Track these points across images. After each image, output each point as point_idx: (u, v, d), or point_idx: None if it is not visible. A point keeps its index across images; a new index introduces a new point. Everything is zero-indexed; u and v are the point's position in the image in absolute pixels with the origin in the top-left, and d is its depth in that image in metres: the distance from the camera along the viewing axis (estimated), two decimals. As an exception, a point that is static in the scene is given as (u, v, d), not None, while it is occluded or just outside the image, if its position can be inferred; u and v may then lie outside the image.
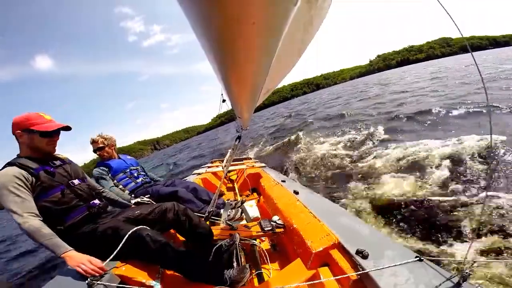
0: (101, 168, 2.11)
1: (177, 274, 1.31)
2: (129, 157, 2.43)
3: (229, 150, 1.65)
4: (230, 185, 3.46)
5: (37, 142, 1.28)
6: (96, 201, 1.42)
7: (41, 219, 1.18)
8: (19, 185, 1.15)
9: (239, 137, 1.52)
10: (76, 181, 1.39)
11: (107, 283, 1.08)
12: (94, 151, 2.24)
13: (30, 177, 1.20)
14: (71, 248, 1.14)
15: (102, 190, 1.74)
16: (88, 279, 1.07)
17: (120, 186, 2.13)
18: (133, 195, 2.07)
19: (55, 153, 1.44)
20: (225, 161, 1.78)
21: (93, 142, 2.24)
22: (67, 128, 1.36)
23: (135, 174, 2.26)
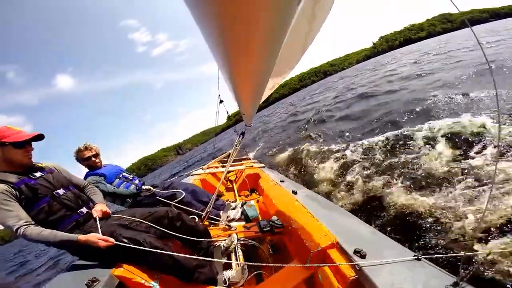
0: (92, 176, 1.98)
1: None
2: (114, 163, 2.32)
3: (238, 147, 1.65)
4: (229, 185, 3.46)
5: (11, 155, 1.24)
6: (84, 210, 1.40)
7: (37, 225, 1.19)
8: (6, 200, 1.15)
9: (242, 133, 1.52)
10: (60, 191, 1.36)
11: (106, 284, 1.09)
12: (86, 159, 2.02)
13: (14, 190, 1.20)
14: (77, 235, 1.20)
15: (89, 188, 1.63)
16: (87, 281, 1.07)
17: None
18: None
19: (37, 162, 1.41)
20: (229, 154, 1.80)
21: (86, 149, 2.02)
22: (40, 137, 1.32)
23: (130, 177, 2.22)
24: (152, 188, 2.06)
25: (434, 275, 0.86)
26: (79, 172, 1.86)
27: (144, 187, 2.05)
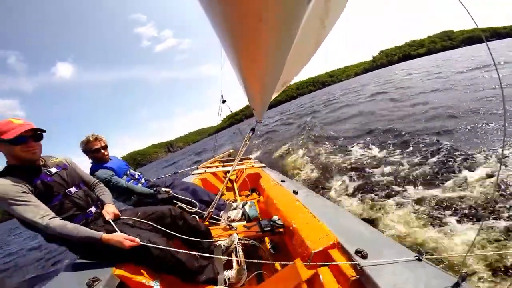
0: (103, 170, 1.89)
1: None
2: (118, 157, 2.22)
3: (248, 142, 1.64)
4: (230, 185, 3.46)
5: (13, 151, 1.16)
6: (93, 209, 1.38)
7: (60, 218, 1.18)
8: (24, 192, 1.12)
9: (253, 129, 1.51)
10: (73, 189, 1.33)
11: (107, 284, 1.08)
12: (95, 150, 1.89)
13: (30, 186, 1.16)
14: (101, 232, 1.19)
15: (98, 187, 1.58)
16: (88, 280, 1.07)
17: None
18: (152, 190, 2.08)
19: (51, 156, 1.38)
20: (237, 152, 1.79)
21: (96, 139, 1.90)
22: (40, 130, 1.22)
23: (136, 176, 2.19)
24: (171, 191, 2.05)
25: (435, 275, 0.86)
26: (82, 162, 1.84)
27: (163, 189, 2.04)
